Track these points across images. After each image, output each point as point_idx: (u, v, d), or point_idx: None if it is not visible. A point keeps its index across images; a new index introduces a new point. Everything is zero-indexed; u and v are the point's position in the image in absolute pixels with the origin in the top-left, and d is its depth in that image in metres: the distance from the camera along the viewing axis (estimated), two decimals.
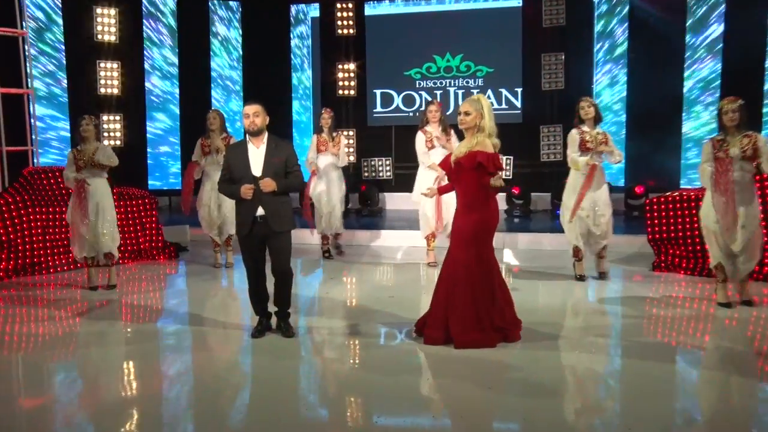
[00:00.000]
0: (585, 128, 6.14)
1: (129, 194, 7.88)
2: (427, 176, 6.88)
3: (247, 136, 4.62)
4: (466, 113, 4.37)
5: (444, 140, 6.89)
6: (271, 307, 4.81)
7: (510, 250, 8.17)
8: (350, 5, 11.14)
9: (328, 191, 7.62)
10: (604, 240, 6.29)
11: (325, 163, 7.59)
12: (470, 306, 4.34)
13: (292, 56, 12.07)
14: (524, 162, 10.83)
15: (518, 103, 11.45)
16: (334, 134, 7.62)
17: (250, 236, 4.54)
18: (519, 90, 11.39)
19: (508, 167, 10.63)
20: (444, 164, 4.62)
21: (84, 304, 5.80)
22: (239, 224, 4.61)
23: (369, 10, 11.69)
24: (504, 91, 11.50)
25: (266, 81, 11.53)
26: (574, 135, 6.16)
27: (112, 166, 6.14)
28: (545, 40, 10.71)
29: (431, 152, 6.89)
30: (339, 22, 11.15)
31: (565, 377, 4.06)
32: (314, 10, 11.95)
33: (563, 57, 10.47)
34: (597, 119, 6.15)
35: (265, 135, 4.59)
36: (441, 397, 3.78)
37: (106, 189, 6.19)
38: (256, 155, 4.55)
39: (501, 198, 10.92)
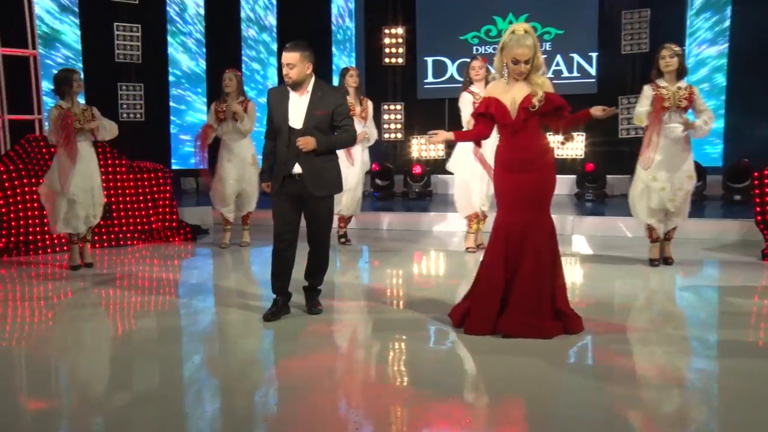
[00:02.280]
0: (663, 83, 5.53)
1: (139, 167, 7.53)
2: (469, 146, 6.21)
3: None
4: (528, 48, 3.94)
5: None
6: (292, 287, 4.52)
7: (581, 236, 7.60)
8: None
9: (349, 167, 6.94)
10: (677, 218, 5.74)
11: None
12: (544, 285, 3.95)
13: (333, 27, 11.56)
14: (599, 139, 10.02)
15: (593, 70, 10.68)
16: (361, 98, 6.95)
17: (280, 195, 4.33)
18: (594, 55, 10.61)
19: (579, 144, 9.90)
20: (497, 108, 4.03)
21: (87, 288, 5.44)
22: (273, 180, 4.44)
23: None
24: (576, 57, 10.73)
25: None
26: (646, 90, 5.59)
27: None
28: None
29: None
30: None
31: (643, 378, 3.53)
32: None
33: (648, 14, 9.58)
34: (680, 73, 5.53)
35: (311, 82, 4.32)
36: (493, 397, 3.31)
37: (94, 153, 5.99)
38: (298, 105, 4.31)
39: (571, 181, 10.21)
